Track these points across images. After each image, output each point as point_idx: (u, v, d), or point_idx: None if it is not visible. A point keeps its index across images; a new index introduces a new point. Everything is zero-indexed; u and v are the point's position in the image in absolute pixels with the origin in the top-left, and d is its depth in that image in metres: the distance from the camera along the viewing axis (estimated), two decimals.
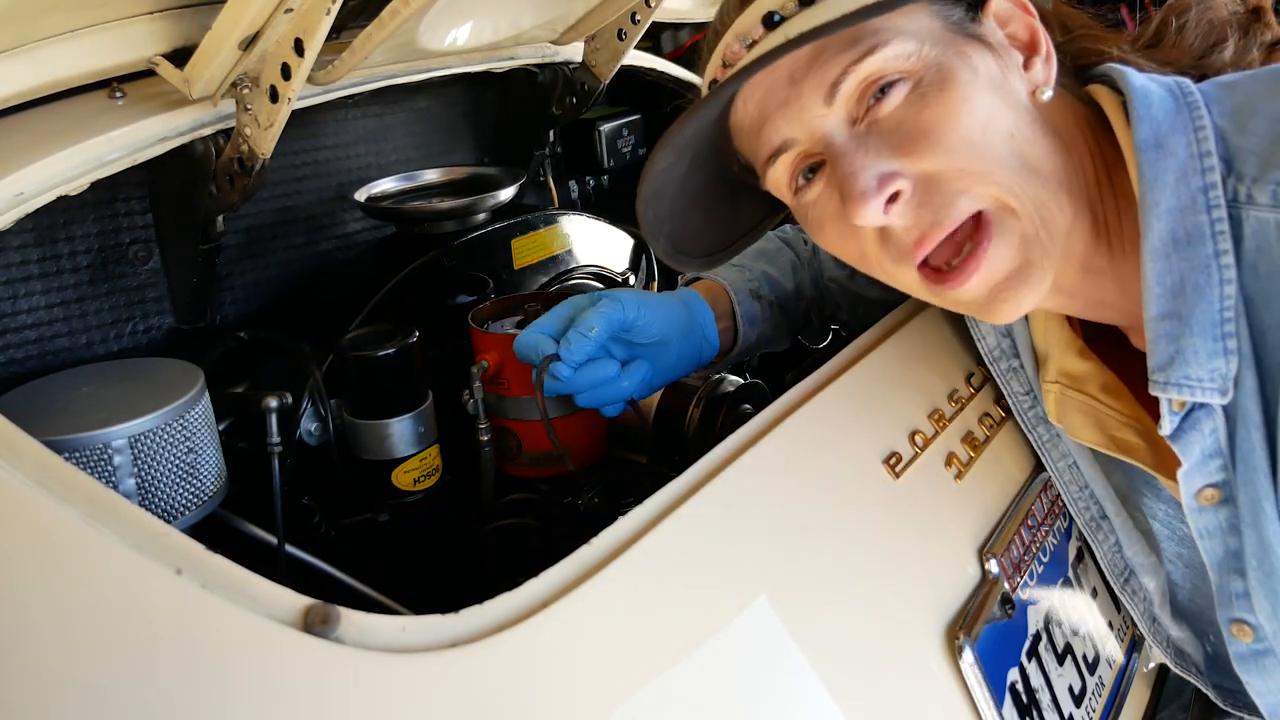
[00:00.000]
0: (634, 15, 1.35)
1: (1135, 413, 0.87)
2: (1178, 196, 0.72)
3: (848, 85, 0.72)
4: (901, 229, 0.74)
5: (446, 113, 1.57)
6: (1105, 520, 1.01)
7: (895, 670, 0.78)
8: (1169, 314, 0.73)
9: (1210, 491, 0.78)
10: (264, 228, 1.32)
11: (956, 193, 0.71)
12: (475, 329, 1.06)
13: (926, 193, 0.72)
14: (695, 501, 0.71)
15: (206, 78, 0.93)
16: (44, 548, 0.57)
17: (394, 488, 1.01)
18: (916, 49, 0.72)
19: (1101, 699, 0.97)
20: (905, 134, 0.71)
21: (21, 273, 1.06)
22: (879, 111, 0.72)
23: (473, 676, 0.55)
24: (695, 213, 0.87)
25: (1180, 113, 0.74)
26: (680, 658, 0.64)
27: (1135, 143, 0.74)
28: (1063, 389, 0.92)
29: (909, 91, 0.72)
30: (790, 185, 0.79)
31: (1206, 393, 0.73)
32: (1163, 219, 0.72)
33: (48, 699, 0.51)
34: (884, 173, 0.71)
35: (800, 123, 0.75)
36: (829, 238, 0.79)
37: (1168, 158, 0.73)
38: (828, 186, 0.76)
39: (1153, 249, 0.73)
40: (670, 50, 3.72)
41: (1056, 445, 1.00)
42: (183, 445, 0.82)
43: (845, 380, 0.90)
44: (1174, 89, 0.76)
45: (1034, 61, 0.76)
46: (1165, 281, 0.73)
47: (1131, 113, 0.75)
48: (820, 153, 0.76)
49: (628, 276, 1.47)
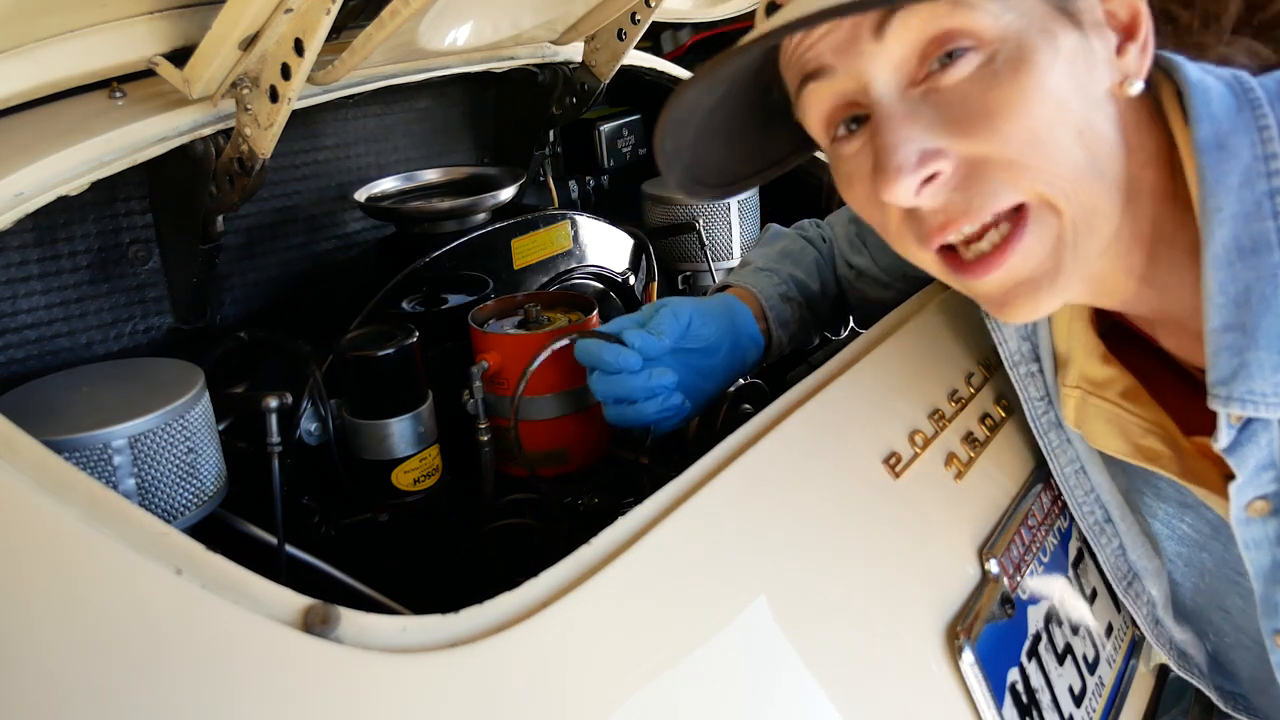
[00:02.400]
0: (634, 15, 1.35)
1: (1158, 418, 0.85)
2: (1241, 201, 0.68)
3: (900, 25, 0.64)
4: (929, 211, 0.68)
5: (446, 113, 1.57)
6: (1110, 524, 1.00)
7: (895, 670, 0.78)
8: (1232, 326, 0.69)
9: (1260, 504, 0.76)
10: (264, 228, 1.32)
11: (1000, 183, 0.65)
12: (475, 329, 1.06)
13: (967, 178, 0.66)
14: (695, 501, 0.71)
15: (206, 78, 0.93)
16: (44, 548, 0.57)
17: (394, 488, 1.01)
18: (999, 14, 0.64)
19: (1101, 699, 0.97)
20: (964, 111, 0.64)
21: (21, 273, 1.06)
22: (941, 79, 0.65)
23: (473, 676, 0.55)
24: (718, 143, 0.80)
25: (1242, 111, 0.69)
26: (680, 657, 0.64)
27: (1195, 143, 0.69)
28: (1084, 394, 0.90)
29: (980, 65, 0.64)
30: (826, 127, 0.73)
31: (1270, 408, 0.69)
32: (1226, 225, 0.68)
33: (48, 699, 0.51)
34: (927, 149, 0.65)
35: (844, 55, 0.67)
36: (856, 198, 0.74)
37: (1230, 159, 0.68)
38: (868, 145, 0.69)
39: (1215, 257, 0.68)
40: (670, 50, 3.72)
41: (1065, 450, 0.98)
42: (183, 445, 0.82)
43: (845, 380, 0.90)
44: (1233, 84, 0.71)
45: (1128, 48, 0.69)
46: (1228, 291, 0.69)
47: (1190, 110, 0.69)
48: (866, 107, 0.69)
49: (628, 276, 1.47)
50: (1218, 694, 1.03)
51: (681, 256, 1.58)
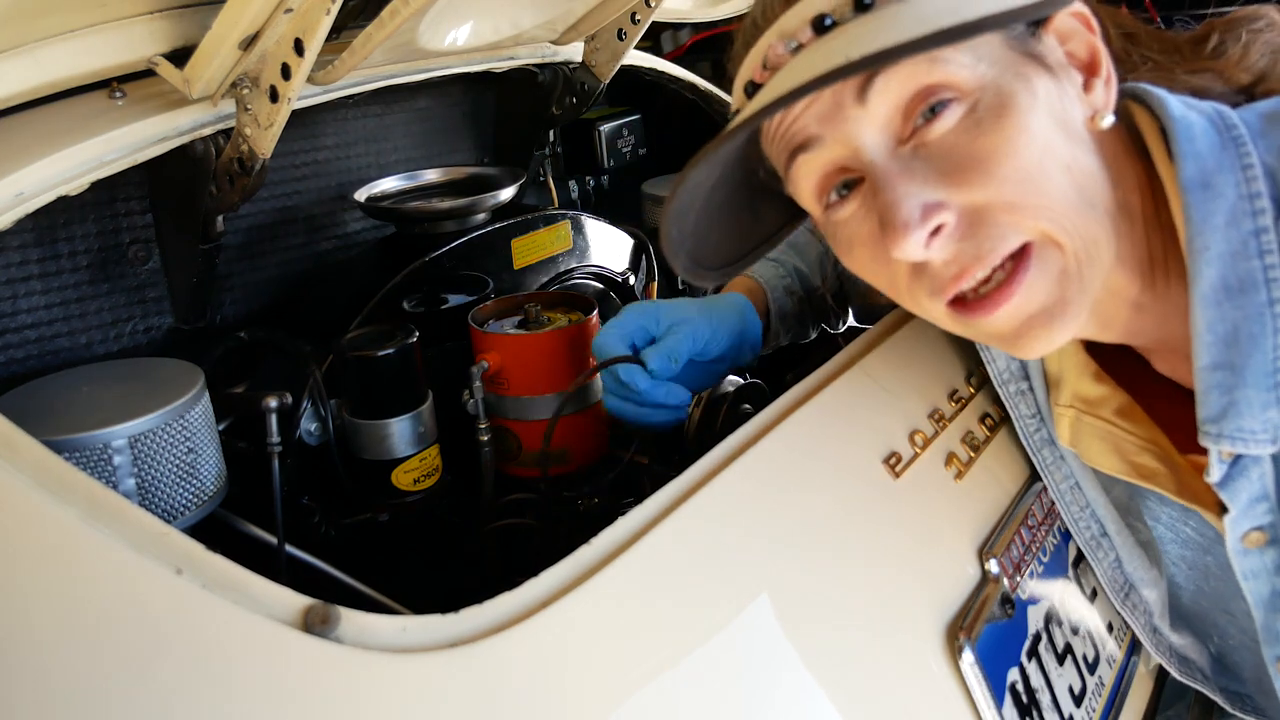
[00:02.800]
0: (634, 15, 1.35)
1: (1152, 435, 0.85)
2: (1228, 241, 0.68)
3: (881, 87, 0.66)
4: (940, 263, 0.68)
5: (446, 113, 1.57)
6: (1105, 538, 1.00)
7: (895, 670, 0.78)
8: (1221, 364, 0.69)
9: (1256, 535, 0.76)
10: (264, 228, 1.32)
11: (1005, 225, 0.66)
12: (475, 329, 1.06)
13: (971, 225, 0.66)
14: (695, 501, 0.71)
15: (206, 78, 0.93)
16: (44, 548, 0.57)
17: (394, 488, 1.01)
18: (973, 65, 0.66)
19: (1101, 699, 0.97)
20: (956, 162, 0.65)
21: (21, 273, 1.06)
22: (928, 134, 0.66)
23: (473, 676, 0.55)
24: (717, 226, 0.82)
25: (1226, 149, 0.69)
26: (681, 657, 0.64)
27: (1181, 182, 0.69)
28: (1078, 414, 0.90)
29: (964, 115, 0.66)
30: (818, 195, 0.74)
31: (1259, 444, 0.70)
32: (1213, 265, 0.68)
33: (48, 699, 0.51)
34: (929, 203, 0.65)
35: (831, 123, 0.69)
36: (859, 261, 0.74)
37: (1216, 199, 0.68)
38: (863, 208, 0.70)
39: (1203, 296, 0.69)
40: (670, 50, 3.72)
41: (1060, 467, 0.98)
42: (183, 445, 0.82)
43: (845, 380, 0.90)
44: (1215, 120, 0.71)
45: (1094, 84, 0.70)
46: (1217, 330, 0.69)
47: (1175, 148, 0.70)
48: (858, 170, 0.70)
49: (628, 276, 1.47)
50: (1223, 695, 1.03)
51: None
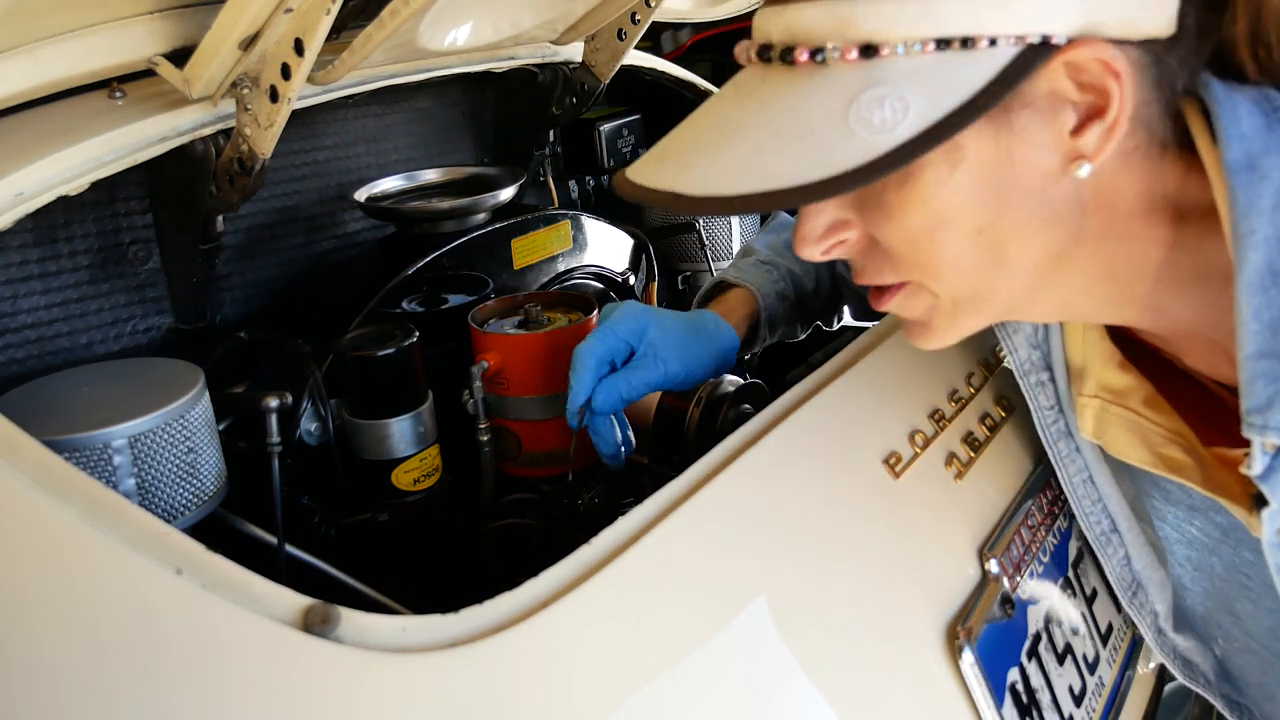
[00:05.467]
0: (634, 15, 1.35)
1: (1178, 427, 0.83)
2: (1275, 225, 0.65)
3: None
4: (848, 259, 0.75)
5: (446, 113, 1.57)
6: (1115, 534, 0.99)
7: (895, 670, 0.78)
8: (1268, 352, 0.66)
9: None
10: (264, 228, 1.32)
11: (884, 264, 0.71)
12: (475, 329, 1.06)
13: (867, 248, 0.71)
14: (695, 501, 0.71)
15: (206, 78, 0.93)
16: (44, 548, 0.57)
17: (394, 488, 1.01)
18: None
19: (1101, 699, 0.97)
20: (865, 194, 0.68)
21: (21, 273, 1.06)
22: None
23: (473, 677, 0.55)
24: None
25: (1273, 130, 0.66)
26: (680, 657, 0.64)
27: (1225, 164, 0.66)
28: (1104, 404, 0.89)
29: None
30: None
31: None
32: (1259, 249, 0.65)
33: (47, 699, 0.51)
34: (836, 220, 0.69)
35: None
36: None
37: (1262, 181, 0.65)
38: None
39: (1249, 283, 0.66)
40: (670, 50, 3.73)
41: (1074, 460, 0.97)
42: (183, 445, 0.82)
43: (845, 380, 0.90)
44: (1261, 101, 0.67)
45: (1090, 128, 0.62)
46: (1263, 317, 0.66)
47: (1218, 131, 0.66)
48: None
49: (628, 276, 1.47)
50: (1224, 703, 1.03)
51: (681, 256, 1.58)
